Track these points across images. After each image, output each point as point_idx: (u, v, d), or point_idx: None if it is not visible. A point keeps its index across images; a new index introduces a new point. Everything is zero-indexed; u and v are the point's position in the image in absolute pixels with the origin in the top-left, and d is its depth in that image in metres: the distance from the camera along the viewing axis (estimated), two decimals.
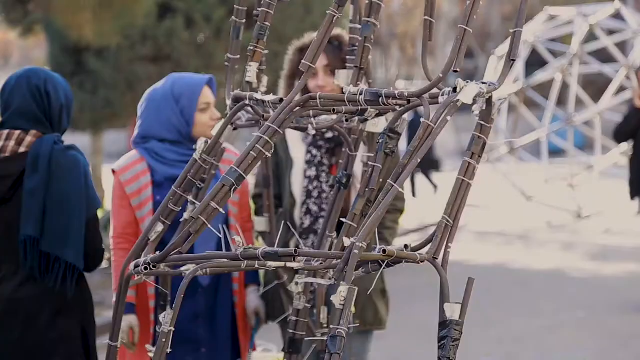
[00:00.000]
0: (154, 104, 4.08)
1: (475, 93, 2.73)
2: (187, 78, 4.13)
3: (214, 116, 4.10)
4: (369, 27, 3.17)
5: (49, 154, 3.57)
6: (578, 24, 13.15)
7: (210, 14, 14.25)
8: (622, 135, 9.06)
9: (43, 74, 3.71)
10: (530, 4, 2.78)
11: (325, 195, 4.41)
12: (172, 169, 4.03)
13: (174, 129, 4.07)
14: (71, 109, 3.76)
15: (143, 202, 4.02)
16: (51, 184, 3.56)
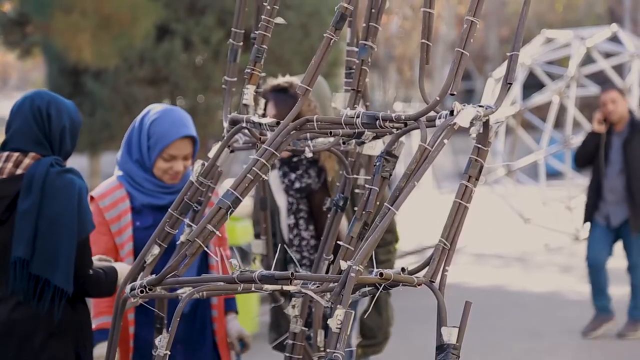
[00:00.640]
0: (138, 126, 4.09)
1: (472, 116, 2.73)
2: (170, 120, 4.05)
3: (175, 168, 4.04)
4: (366, 50, 3.17)
5: (44, 176, 3.57)
6: (575, 46, 13.18)
7: (208, 37, 14.29)
8: (581, 160, 8.74)
9: (48, 97, 3.71)
10: (527, 26, 2.79)
11: (305, 242, 4.43)
12: (150, 198, 4.04)
13: (140, 155, 4.06)
14: (76, 134, 3.75)
15: (123, 228, 4.02)
16: (43, 205, 3.55)
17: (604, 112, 8.49)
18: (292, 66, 14.29)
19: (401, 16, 28.50)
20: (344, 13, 3.04)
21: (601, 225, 8.56)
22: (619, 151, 8.51)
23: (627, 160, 8.47)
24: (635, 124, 8.52)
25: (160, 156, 4.01)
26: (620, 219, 8.48)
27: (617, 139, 8.54)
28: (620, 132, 8.52)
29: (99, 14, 10.60)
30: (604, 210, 8.53)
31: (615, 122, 8.51)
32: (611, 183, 8.51)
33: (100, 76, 14.17)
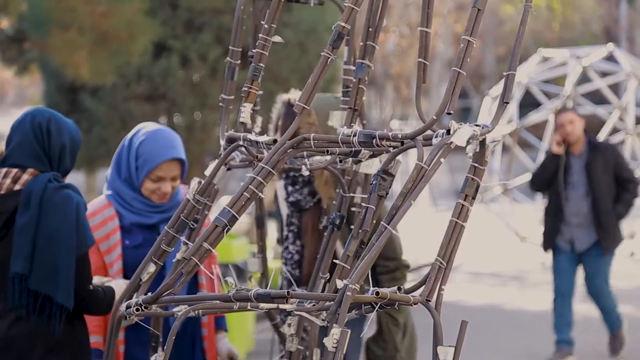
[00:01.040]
0: (127, 145, 4.09)
1: (469, 135, 2.73)
2: (159, 142, 4.04)
3: (163, 189, 4.03)
4: (363, 69, 3.18)
5: (42, 191, 3.57)
6: (571, 65, 13.22)
7: (205, 54, 14.31)
8: (539, 183, 8.37)
9: (49, 114, 3.73)
10: (523, 45, 2.79)
11: (289, 256, 4.40)
12: (140, 217, 4.04)
13: (130, 173, 4.06)
14: (76, 152, 3.76)
15: (112, 247, 4.02)
16: (41, 221, 3.55)
17: (562, 133, 8.21)
18: (290, 84, 14.29)
19: (398, 34, 28.56)
20: (341, 32, 3.05)
21: (565, 250, 8.25)
22: (581, 174, 8.21)
23: (591, 183, 8.17)
24: (593, 145, 8.28)
25: (148, 177, 4.01)
26: (586, 243, 8.18)
27: (577, 161, 8.25)
28: (579, 154, 8.25)
29: (96, 31, 10.62)
30: (567, 234, 8.22)
31: (572, 144, 8.25)
32: (575, 206, 8.20)
33: (97, 93, 14.18)
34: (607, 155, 8.22)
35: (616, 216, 8.20)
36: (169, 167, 4.02)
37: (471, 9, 2.79)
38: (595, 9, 30.85)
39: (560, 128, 8.22)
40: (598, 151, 8.21)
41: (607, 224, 8.13)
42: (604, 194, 8.16)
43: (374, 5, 3.23)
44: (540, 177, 8.32)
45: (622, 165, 8.31)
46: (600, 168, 8.17)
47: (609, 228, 8.14)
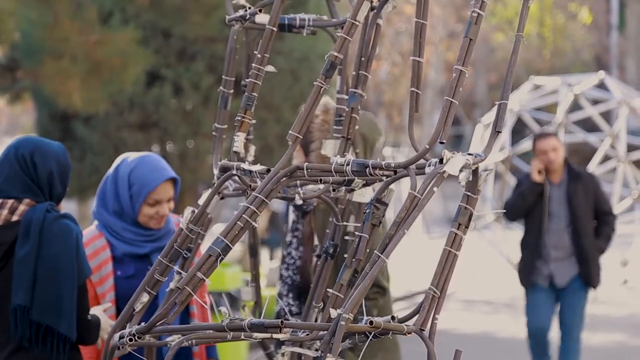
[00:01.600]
0: (110, 180, 4.08)
1: (462, 164, 2.74)
2: (150, 166, 4.06)
3: (161, 212, 4.05)
4: (356, 98, 3.19)
5: (41, 222, 3.57)
6: (563, 93, 13.27)
7: (198, 82, 14.34)
8: (517, 214, 7.75)
9: (31, 144, 3.72)
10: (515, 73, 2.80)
11: (292, 262, 4.38)
12: (131, 247, 4.04)
13: (122, 204, 4.05)
14: (66, 175, 3.76)
15: (104, 278, 4.01)
16: (42, 251, 3.55)
17: (545, 161, 7.53)
18: (282, 111, 14.34)
19: (390, 62, 28.67)
20: (334, 61, 3.06)
21: (542, 287, 7.63)
22: (562, 204, 7.58)
23: (573, 214, 7.55)
24: (574, 173, 7.65)
25: (145, 203, 4.01)
26: (567, 278, 7.58)
27: (557, 190, 7.61)
28: (559, 183, 7.61)
29: (89, 59, 10.64)
30: (546, 270, 7.60)
31: (551, 172, 7.61)
32: (556, 239, 7.58)
33: (90, 121, 14.19)
34: (588, 185, 7.63)
35: (598, 251, 7.63)
36: (164, 189, 4.04)
37: (463, 39, 2.81)
38: (586, 37, 31.02)
39: (542, 155, 7.55)
40: (579, 180, 7.61)
41: (591, 259, 7.56)
42: (586, 226, 7.58)
43: (367, 35, 3.25)
44: (519, 207, 7.67)
45: (602, 196, 7.74)
46: (581, 198, 7.58)
47: (593, 263, 7.57)
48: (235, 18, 3.52)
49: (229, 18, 3.56)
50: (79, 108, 11.24)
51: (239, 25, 3.52)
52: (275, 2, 3.26)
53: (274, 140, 14.31)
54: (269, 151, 14.23)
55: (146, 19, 13.46)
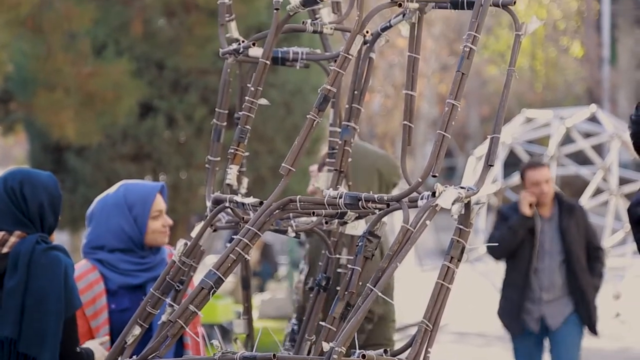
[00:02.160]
0: (104, 213, 4.08)
1: (454, 198, 2.75)
2: (139, 186, 4.14)
3: (166, 223, 4.08)
4: (349, 131, 3.21)
5: (29, 253, 3.57)
6: (555, 126, 13.32)
7: (191, 114, 14.37)
8: (504, 251, 7.00)
9: (20, 176, 3.71)
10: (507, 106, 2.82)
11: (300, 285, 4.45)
12: (126, 278, 4.03)
13: (126, 237, 4.05)
14: (57, 206, 3.75)
15: (98, 311, 4.00)
16: (30, 283, 3.54)
17: (537, 192, 6.89)
18: (275, 143, 14.37)
19: (383, 95, 28.77)
20: (327, 95, 3.07)
21: (532, 331, 6.94)
22: (555, 239, 6.92)
23: (568, 250, 6.89)
24: (564, 205, 7.02)
25: (150, 217, 4.03)
26: (560, 319, 6.91)
27: (549, 224, 6.96)
28: (550, 216, 6.98)
29: (82, 91, 10.66)
30: (536, 312, 6.89)
31: (542, 205, 6.97)
32: (547, 279, 6.88)
33: (82, 152, 14.20)
34: (579, 218, 7.02)
35: (594, 289, 6.98)
36: (159, 200, 4.10)
37: (455, 73, 2.83)
38: (578, 71, 31.17)
39: (534, 187, 6.91)
40: (571, 213, 6.99)
41: (589, 299, 6.91)
42: (581, 263, 6.93)
43: (359, 68, 3.26)
44: (509, 243, 6.91)
45: (592, 230, 7.14)
46: (575, 232, 6.94)
47: (591, 303, 6.93)
48: (229, 51, 3.54)
49: (223, 51, 3.57)
50: (72, 140, 11.25)
51: (233, 59, 3.53)
52: (268, 35, 3.28)
53: (267, 172, 14.32)
54: (261, 183, 14.25)
55: (140, 50, 13.50)
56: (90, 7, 10.77)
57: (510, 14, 2.86)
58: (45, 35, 10.61)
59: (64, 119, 10.45)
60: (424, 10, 2.95)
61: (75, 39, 11.31)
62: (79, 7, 10.61)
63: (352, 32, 3.03)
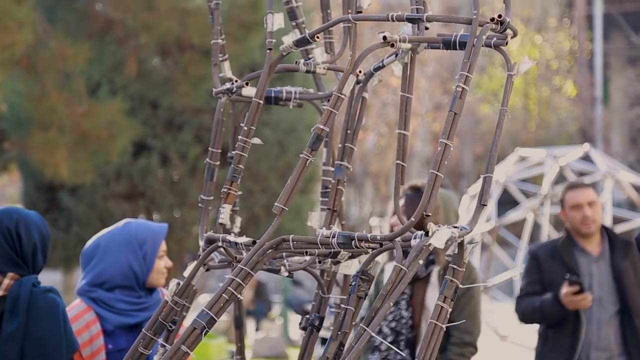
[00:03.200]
0: (112, 248, 4.07)
1: (447, 237, 2.75)
2: (148, 224, 4.17)
3: (167, 264, 4.10)
4: (342, 170, 3.20)
5: (28, 297, 3.55)
6: (548, 165, 13.35)
7: (185, 152, 14.39)
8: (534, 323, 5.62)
9: (15, 215, 3.70)
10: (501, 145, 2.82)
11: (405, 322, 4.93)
12: (123, 317, 4.02)
13: (131, 274, 4.04)
14: (47, 246, 3.75)
15: (95, 352, 3.98)
16: (29, 327, 3.52)
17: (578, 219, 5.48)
18: (269, 182, 14.38)
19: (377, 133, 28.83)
20: (320, 134, 3.08)
21: None
22: (607, 285, 5.47)
23: (624, 298, 5.42)
24: (617, 241, 5.54)
25: (157, 256, 4.05)
26: None
27: (598, 265, 5.50)
28: (599, 255, 5.51)
29: (76, 131, 10.68)
30: None
31: (587, 236, 5.53)
32: (598, 333, 5.44)
33: (76, 192, 14.19)
34: (636, 257, 5.44)
35: None
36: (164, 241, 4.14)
37: (448, 113, 2.83)
38: (571, 110, 31.31)
39: (575, 210, 5.53)
40: (625, 251, 5.48)
41: None
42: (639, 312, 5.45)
43: (352, 108, 3.27)
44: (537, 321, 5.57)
45: None
46: (631, 275, 5.46)
47: None
48: (222, 91, 3.55)
49: (216, 91, 3.58)
50: (65, 179, 11.25)
51: (226, 98, 3.54)
52: (261, 75, 3.28)
53: (261, 210, 14.32)
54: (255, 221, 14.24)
55: (134, 89, 13.55)
56: (84, 47, 10.82)
57: (502, 54, 2.87)
58: (39, 74, 10.65)
59: (57, 158, 10.46)
60: (417, 50, 2.96)
61: (69, 78, 11.34)
62: (73, 46, 10.65)
63: (345, 72, 3.04)
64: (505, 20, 2.85)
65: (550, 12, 31.07)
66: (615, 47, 34.40)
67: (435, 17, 2.91)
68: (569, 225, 5.62)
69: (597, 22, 32.84)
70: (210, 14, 3.60)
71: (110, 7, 11.31)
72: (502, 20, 2.85)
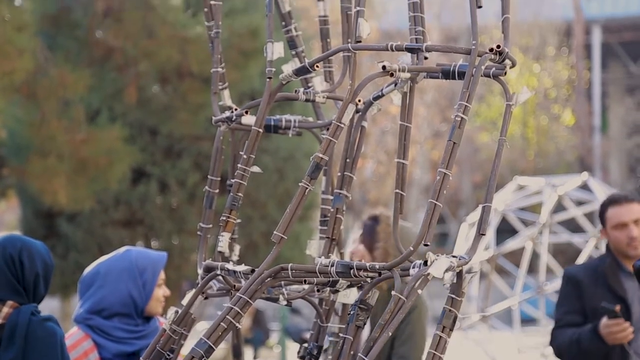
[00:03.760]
0: (112, 276, 4.06)
1: (446, 267, 2.75)
2: (148, 252, 4.17)
3: (165, 293, 4.10)
4: (341, 199, 3.21)
5: (26, 326, 3.54)
6: (547, 194, 13.35)
7: (184, 179, 14.38)
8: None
9: (19, 243, 3.70)
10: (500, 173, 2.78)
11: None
12: (121, 346, 4.00)
13: (131, 302, 4.04)
14: (50, 276, 3.74)
15: None
16: (27, 356, 3.51)
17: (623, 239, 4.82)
18: (268, 209, 14.36)
19: (376, 161, 28.85)
20: (319, 163, 3.08)
21: None
22: None
23: None
24: None
25: (156, 285, 4.05)
26: None
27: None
28: None
29: (75, 158, 10.69)
30: None
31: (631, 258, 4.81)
32: None
33: (74, 218, 14.17)
34: None
35: None
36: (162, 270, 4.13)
37: (447, 142, 2.84)
38: (570, 139, 31.36)
39: (619, 230, 4.87)
40: None
41: None
42: None
43: (352, 136, 3.28)
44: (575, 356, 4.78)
45: None
46: None
47: None
48: (222, 119, 3.55)
49: (216, 119, 3.59)
50: (64, 206, 11.25)
51: (226, 126, 3.54)
52: (261, 104, 3.29)
53: (259, 237, 14.30)
54: (254, 248, 14.22)
55: (133, 117, 13.57)
56: (85, 74, 10.84)
57: (501, 84, 2.88)
58: (39, 101, 10.67)
59: (56, 185, 10.46)
60: (416, 80, 2.97)
61: (69, 105, 11.37)
62: (73, 74, 10.68)
63: (345, 101, 3.05)
64: (504, 51, 2.86)
65: (548, 41, 31.18)
66: (613, 76, 34.50)
67: (434, 47, 2.92)
68: (612, 246, 4.90)
69: (595, 51, 32.96)
70: (210, 42, 3.61)
71: (111, 35, 11.34)
72: (500, 50, 2.86)
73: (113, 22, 11.36)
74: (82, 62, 11.48)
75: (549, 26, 31.06)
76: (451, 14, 29.63)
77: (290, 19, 3.64)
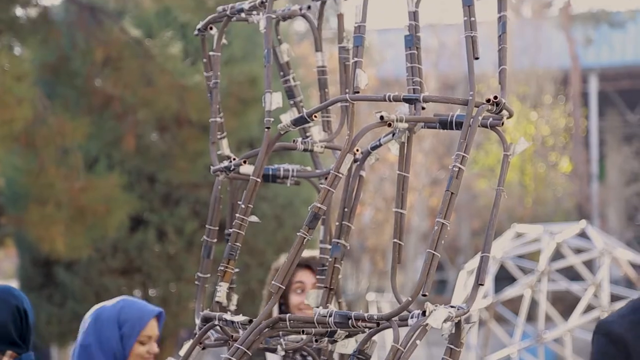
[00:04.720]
0: (98, 324, 4.05)
1: (444, 317, 2.74)
2: (137, 304, 4.12)
3: (151, 350, 4.05)
4: (339, 248, 3.20)
5: None
6: (545, 241, 13.33)
7: (182, 227, 14.37)
8: None
9: (16, 292, 3.72)
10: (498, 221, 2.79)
11: None
12: None
13: (111, 353, 4.01)
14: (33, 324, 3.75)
15: None
16: None
17: None
18: (266, 256, 14.33)
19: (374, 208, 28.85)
20: (317, 213, 3.08)
21: None
22: None
23: None
24: None
25: (137, 341, 3.99)
26: None
27: None
28: None
29: (73, 205, 10.69)
30: None
31: None
32: None
33: (72, 267, 14.14)
34: None
35: None
36: (152, 325, 4.07)
37: (444, 192, 2.84)
38: (567, 186, 31.39)
39: None
40: None
41: None
42: None
43: (350, 186, 3.28)
44: None
45: None
46: None
47: None
48: (220, 168, 3.56)
49: (214, 169, 3.59)
50: (61, 254, 11.23)
51: (224, 176, 3.55)
52: (259, 153, 3.30)
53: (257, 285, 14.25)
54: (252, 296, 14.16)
55: (131, 164, 13.59)
56: (83, 122, 10.88)
57: (498, 134, 2.89)
58: (38, 150, 10.69)
59: (54, 233, 10.46)
60: (414, 130, 2.98)
61: (67, 153, 11.39)
62: (72, 122, 10.71)
63: (342, 151, 3.06)
64: (501, 102, 2.88)
65: (545, 89, 31.33)
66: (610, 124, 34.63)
67: (431, 97, 2.94)
68: None
69: (592, 99, 33.10)
70: (209, 92, 3.63)
71: (110, 83, 11.40)
72: (497, 101, 2.87)
73: (112, 71, 11.42)
74: (81, 110, 11.52)
75: (546, 74, 31.22)
76: (449, 61, 29.80)
77: (288, 69, 3.66)
